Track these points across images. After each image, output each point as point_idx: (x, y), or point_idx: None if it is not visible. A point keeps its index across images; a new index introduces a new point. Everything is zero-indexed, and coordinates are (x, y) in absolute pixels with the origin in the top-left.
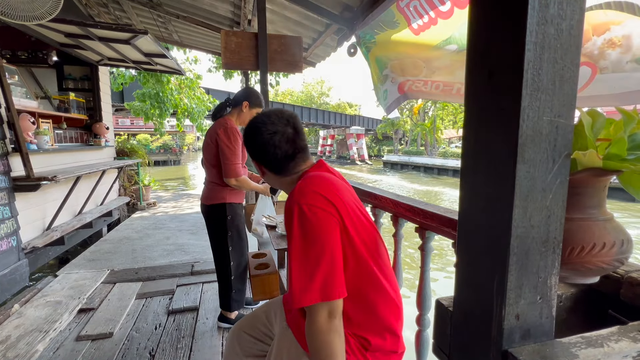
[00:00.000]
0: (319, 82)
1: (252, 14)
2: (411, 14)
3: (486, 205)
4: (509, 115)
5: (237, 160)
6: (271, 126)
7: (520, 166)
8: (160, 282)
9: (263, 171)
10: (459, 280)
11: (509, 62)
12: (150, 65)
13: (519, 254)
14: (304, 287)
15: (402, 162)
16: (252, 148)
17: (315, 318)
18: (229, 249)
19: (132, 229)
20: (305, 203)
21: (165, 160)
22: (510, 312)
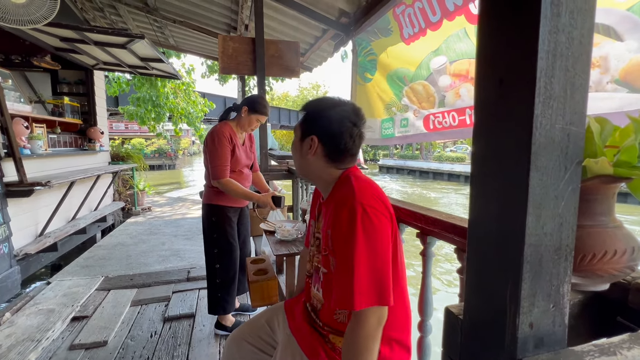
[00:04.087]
0: (315, 86)
1: (249, 19)
2: (404, 22)
3: (498, 212)
4: (522, 123)
5: (220, 163)
6: (354, 116)
7: (533, 174)
8: (156, 289)
9: (316, 151)
10: (469, 287)
11: (520, 71)
12: (146, 69)
13: (532, 262)
14: (363, 289)
15: (398, 166)
16: (326, 122)
17: (367, 322)
18: (214, 251)
19: (127, 234)
20: (368, 205)
21: (161, 165)
22: (524, 320)
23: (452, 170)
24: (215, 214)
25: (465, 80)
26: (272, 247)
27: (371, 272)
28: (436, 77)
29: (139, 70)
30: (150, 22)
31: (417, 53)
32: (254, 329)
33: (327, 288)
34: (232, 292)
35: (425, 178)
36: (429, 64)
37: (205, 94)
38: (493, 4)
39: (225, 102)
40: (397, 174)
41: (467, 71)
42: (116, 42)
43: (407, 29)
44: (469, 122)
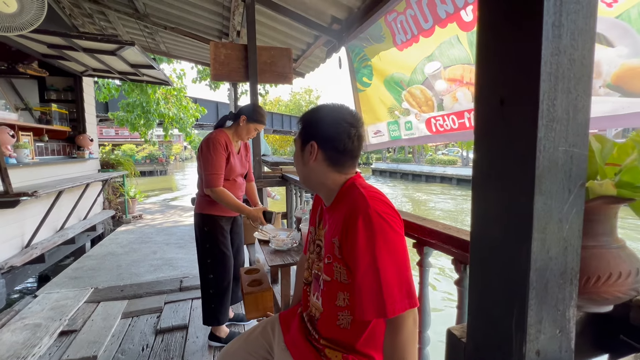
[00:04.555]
0: (307, 90)
1: (241, 25)
2: (397, 29)
3: (501, 236)
4: (525, 146)
5: (214, 171)
6: (350, 118)
7: (537, 197)
8: (147, 300)
9: (317, 157)
10: (473, 311)
11: (523, 93)
12: (136, 76)
13: (538, 287)
14: (394, 295)
15: (391, 170)
16: (324, 127)
17: (405, 326)
18: (207, 261)
19: (117, 243)
20: (383, 212)
21: (152, 171)
22: (531, 348)
23: (444, 173)
24: (208, 224)
25: (461, 84)
26: (266, 258)
27: (398, 277)
28: (432, 81)
29: (129, 77)
30: (141, 28)
31: (411, 59)
32: (248, 342)
33: (328, 296)
34: (225, 303)
35: (418, 181)
36: (423, 69)
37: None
38: (493, 24)
39: (217, 108)
40: (390, 177)
41: (462, 76)
42: (106, 48)
43: (400, 35)
44: (468, 125)
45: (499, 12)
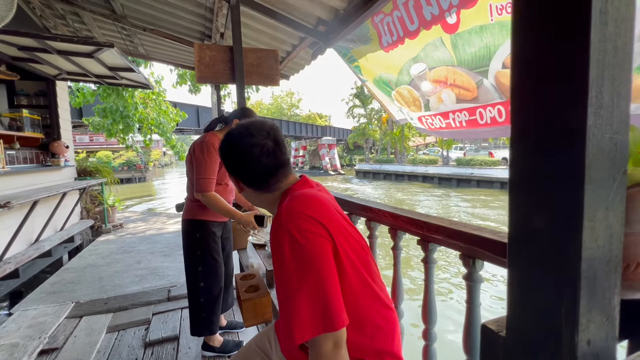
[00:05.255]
0: (289, 93)
1: (225, 27)
2: (383, 30)
3: (549, 227)
4: (574, 135)
5: (207, 175)
6: (250, 138)
7: (588, 186)
8: (134, 312)
9: (241, 186)
10: (514, 303)
11: (572, 81)
12: (115, 79)
13: (588, 277)
14: (303, 321)
15: (374, 171)
16: (228, 160)
17: (320, 351)
18: (198, 269)
19: (98, 254)
20: (296, 228)
21: (130, 178)
22: (583, 338)
23: (426, 172)
24: (200, 230)
25: (445, 85)
26: (263, 262)
27: (309, 300)
28: (418, 82)
29: (107, 80)
30: (118, 29)
31: (397, 60)
32: (247, 356)
33: None
34: (217, 311)
35: (401, 181)
36: (409, 70)
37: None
38: (534, 13)
39: (197, 112)
40: (373, 178)
41: (446, 77)
42: (82, 50)
43: (386, 37)
44: (454, 125)
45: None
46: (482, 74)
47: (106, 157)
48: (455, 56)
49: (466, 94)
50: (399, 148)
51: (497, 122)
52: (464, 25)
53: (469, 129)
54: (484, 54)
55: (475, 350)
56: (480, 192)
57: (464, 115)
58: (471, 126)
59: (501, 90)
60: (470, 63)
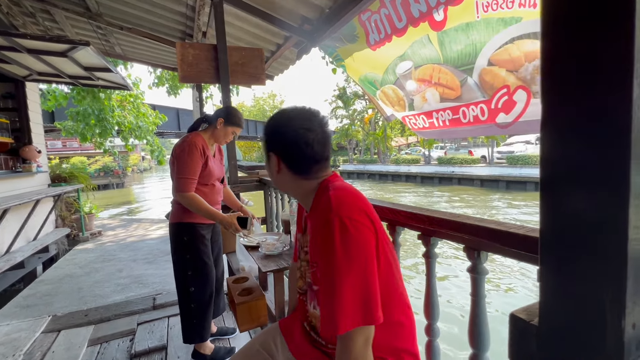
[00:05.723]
0: (271, 95)
1: (207, 25)
2: (371, 28)
3: (590, 209)
4: (619, 110)
5: (187, 175)
6: (307, 122)
7: (634, 162)
8: (117, 323)
9: (280, 167)
10: (549, 290)
11: (615, 54)
12: (90, 80)
13: (634, 257)
14: (347, 310)
15: (358, 171)
16: (279, 136)
17: (353, 345)
18: (188, 273)
19: (75, 264)
20: (347, 216)
21: (107, 184)
22: (629, 322)
23: (409, 172)
24: (187, 233)
25: (430, 85)
26: (258, 264)
27: (354, 289)
28: (403, 81)
29: (82, 81)
30: (93, 28)
31: (384, 58)
32: (248, 358)
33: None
34: (208, 317)
35: (385, 180)
36: (395, 69)
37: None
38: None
39: (178, 115)
40: (357, 178)
41: (431, 76)
42: (55, 49)
43: (373, 35)
44: (437, 124)
45: None
46: (467, 72)
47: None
48: (441, 53)
49: (450, 92)
50: (382, 148)
51: (480, 120)
52: (450, 23)
53: (452, 128)
54: (470, 51)
55: (483, 343)
56: (462, 190)
57: (447, 114)
58: (454, 125)
59: (484, 88)
60: (457, 60)
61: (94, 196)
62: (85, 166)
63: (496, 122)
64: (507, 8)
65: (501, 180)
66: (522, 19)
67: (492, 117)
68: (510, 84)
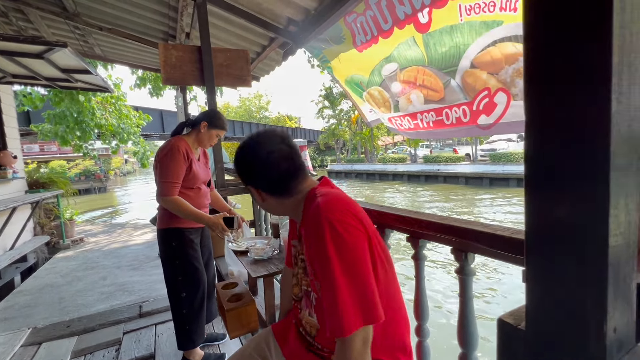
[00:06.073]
0: (257, 96)
1: (190, 26)
2: (357, 29)
3: (573, 217)
4: (600, 123)
5: (169, 179)
6: (265, 145)
7: (613, 174)
8: (102, 333)
9: (262, 196)
10: (535, 296)
11: (594, 67)
12: (69, 82)
13: (614, 263)
14: (348, 311)
15: (346, 171)
16: (247, 172)
17: (352, 346)
18: (178, 279)
19: (56, 273)
20: (337, 219)
21: (88, 189)
22: (610, 326)
23: (395, 170)
24: (176, 238)
25: (414, 87)
26: (248, 269)
27: (352, 290)
28: (388, 83)
29: (60, 84)
30: (71, 29)
31: (369, 60)
32: None
33: (321, 312)
34: (200, 322)
35: (372, 180)
36: (380, 70)
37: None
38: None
39: (161, 116)
40: (345, 178)
41: (415, 78)
42: (30, 51)
43: (360, 36)
44: (421, 125)
45: None
46: (450, 74)
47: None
48: (426, 55)
49: (434, 94)
50: (369, 147)
51: (462, 122)
52: (435, 25)
53: (436, 129)
54: (454, 53)
55: (472, 343)
56: (447, 188)
57: (431, 115)
58: (438, 126)
59: (466, 90)
60: (441, 62)
61: (75, 202)
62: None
63: (478, 123)
64: (489, 11)
65: (485, 178)
66: (503, 22)
67: (474, 118)
68: (491, 86)
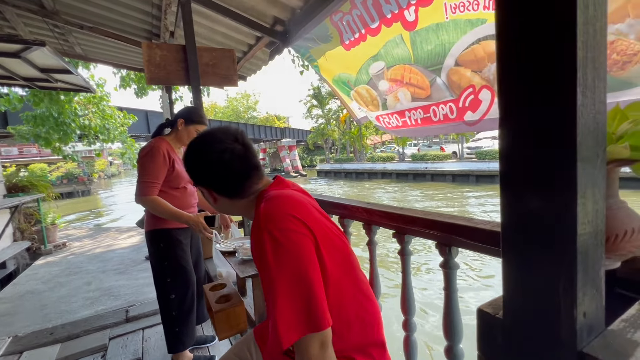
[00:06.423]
0: (245, 95)
1: (174, 25)
2: (344, 28)
3: (543, 208)
4: (566, 115)
5: (149, 179)
6: (218, 144)
7: (580, 164)
8: (87, 339)
9: (214, 197)
10: (510, 285)
11: (561, 61)
12: (48, 82)
13: (582, 251)
14: (289, 322)
15: (335, 170)
16: (198, 171)
17: (307, 352)
18: (167, 280)
19: (38, 279)
20: (276, 228)
21: (71, 192)
22: (580, 311)
23: (384, 169)
24: (163, 240)
25: (401, 85)
26: (236, 269)
27: (293, 300)
28: (376, 81)
29: (38, 84)
30: (50, 27)
31: (357, 58)
32: None
33: None
34: (190, 324)
35: (362, 179)
36: (368, 69)
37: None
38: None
39: (146, 117)
40: (334, 177)
41: (402, 76)
42: (6, 50)
43: (347, 34)
44: (409, 123)
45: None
46: (436, 72)
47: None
48: (413, 53)
49: (420, 92)
50: (358, 147)
51: (449, 119)
52: (422, 23)
53: (424, 126)
54: (439, 51)
55: (456, 335)
56: (435, 185)
57: (419, 113)
58: (426, 124)
59: (452, 88)
60: (427, 60)
61: (57, 205)
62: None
63: (464, 119)
64: (473, 10)
65: (471, 175)
66: (487, 21)
67: (461, 115)
68: (475, 83)
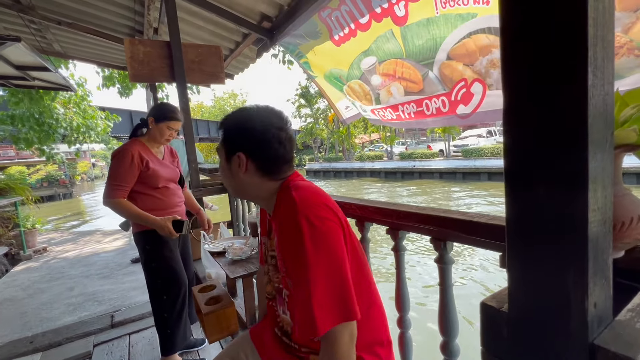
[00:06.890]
0: (232, 95)
1: (158, 21)
2: (333, 24)
3: (552, 196)
4: (575, 96)
5: (115, 181)
6: (278, 121)
7: (591, 148)
8: (69, 347)
9: (247, 167)
10: (516, 277)
11: (570, 40)
12: (24, 80)
13: (593, 239)
14: (327, 308)
15: (324, 169)
16: (251, 136)
17: (339, 342)
18: (157, 282)
19: (17, 286)
20: (313, 214)
21: (52, 195)
22: (591, 301)
23: (373, 168)
24: (149, 241)
25: (393, 79)
26: (226, 270)
27: (330, 287)
28: (368, 76)
29: (14, 82)
30: (26, 23)
31: (348, 54)
32: None
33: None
34: (182, 325)
35: (350, 177)
36: (359, 64)
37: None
38: None
39: (130, 116)
40: (324, 176)
41: (394, 70)
42: None
43: (337, 30)
44: (403, 117)
45: None
46: (428, 66)
47: (19, 173)
48: (404, 48)
49: (413, 86)
50: (346, 146)
51: (442, 112)
52: (412, 18)
53: (417, 119)
54: (431, 46)
55: (453, 331)
56: (422, 183)
57: (412, 107)
58: (419, 117)
59: (444, 81)
60: (418, 55)
61: (38, 208)
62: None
63: (457, 112)
64: (463, 4)
65: (458, 172)
66: (477, 15)
67: (453, 108)
68: (467, 77)
